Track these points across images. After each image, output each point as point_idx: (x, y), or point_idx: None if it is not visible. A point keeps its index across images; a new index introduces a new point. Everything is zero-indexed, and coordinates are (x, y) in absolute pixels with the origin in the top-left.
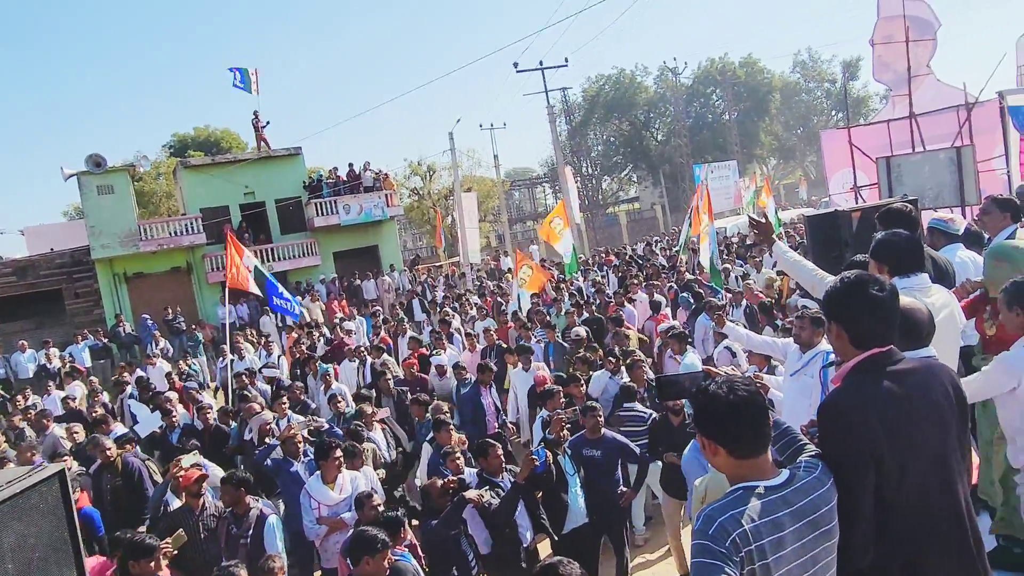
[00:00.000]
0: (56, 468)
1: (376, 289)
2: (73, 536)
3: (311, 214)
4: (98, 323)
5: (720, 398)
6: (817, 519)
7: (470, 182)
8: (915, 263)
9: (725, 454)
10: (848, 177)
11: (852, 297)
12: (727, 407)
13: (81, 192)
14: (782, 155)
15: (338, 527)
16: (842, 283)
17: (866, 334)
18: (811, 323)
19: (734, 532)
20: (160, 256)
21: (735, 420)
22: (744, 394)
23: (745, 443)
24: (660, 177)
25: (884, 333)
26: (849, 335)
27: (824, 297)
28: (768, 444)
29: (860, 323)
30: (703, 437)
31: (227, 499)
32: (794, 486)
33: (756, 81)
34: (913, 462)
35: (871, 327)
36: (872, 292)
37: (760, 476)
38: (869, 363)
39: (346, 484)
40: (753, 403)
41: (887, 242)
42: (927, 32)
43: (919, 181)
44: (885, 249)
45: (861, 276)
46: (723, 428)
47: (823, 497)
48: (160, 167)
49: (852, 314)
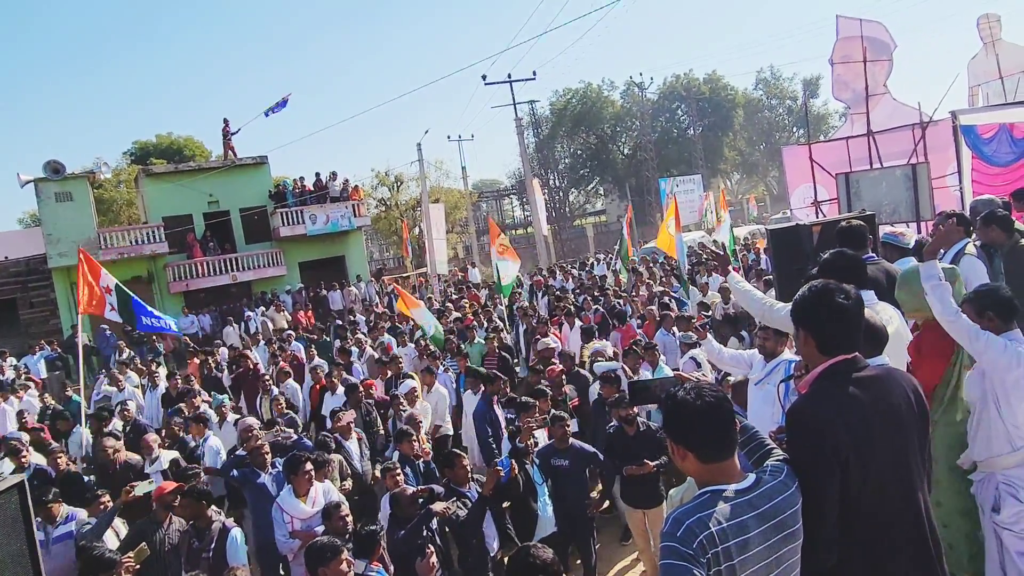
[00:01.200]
0: (16, 480)
1: (343, 300)
2: (32, 549)
3: (277, 223)
4: (54, 333)
5: (688, 403)
6: (782, 521)
7: (437, 193)
8: (858, 281)
9: (693, 458)
10: (809, 192)
11: (819, 304)
12: (695, 412)
13: (38, 199)
14: (745, 170)
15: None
16: (810, 291)
17: (832, 341)
18: (775, 333)
19: (701, 534)
20: (120, 265)
21: (702, 425)
22: (711, 400)
23: (712, 447)
24: (627, 190)
25: (849, 340)
26: (816, 341)
27: (792, 305)
28: (735, 449)
29: (826, 330)
30: (672, 442)
31: (188, 512)
32: (760, 490)
33: (720, 97)
34: (875, 465)
35: (837, 334)
36: (838, 300)
37: (727, 480)
38: (834, 369)
39: (319, 497)
40: (720, 408)
41: (831, 262)
42: (884, 53)
43: (876, 196)
44: (830, 269)
45: (828, 285)
46: (691, 433)
47: (788, 500)
48: (121, 174)
49: (819, 321)
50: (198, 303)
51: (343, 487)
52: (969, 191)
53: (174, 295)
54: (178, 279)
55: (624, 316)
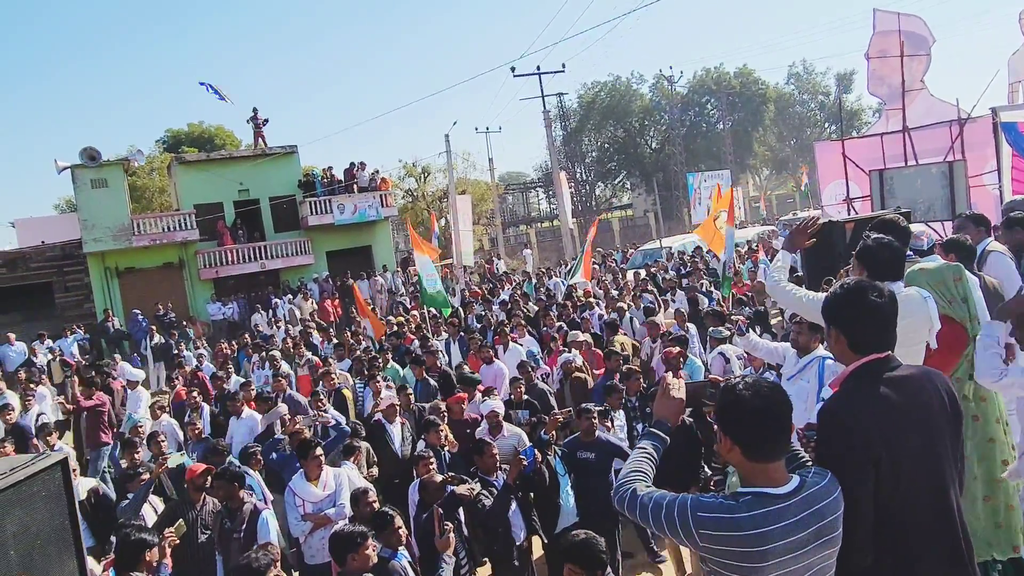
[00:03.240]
0: (59, 456)
1: (369, 289)
2: (74, 525)
3: (305, 212)
4: (88, 317)
5: (744, 400)
6: (822, 528)
7: (464, 185)
8: (894, 271)
9: (739, 453)
10: (841, 189)
11: (851, 303)
12: (749, 410)
13: (75, 185)
14: (775, 166)
15: (322, 523)
16: (842, 289)
17: (864, 339)
18: (808, 328)
19: (720, 532)
20: (152, 251)
21: (754, 424)
22: (767, 398)
23: (761, 448)
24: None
25: (882, 339)
26: (847, 340)
27: (824, 303)
28: (784, 453)
29: (858, 328)
30: (721, 431)
31: (220, 494)
32: (803, 494)
33: (751, 92)
34: (907, 466)
35: (869, 333)
36: (871, 298)
37: (769, 481)
38: (866, 369)
39: (329, 481)
40: (774, 410)
41: (873, 247)
42: (921, 48)
43: (911, 194)
44: (869, 253)
45: (861, 283)
46: (741, 429)
47: (830, 506)
48: (153, 162)
49: (850, 319)
50: (227, 290)
51: (370, 474)
52: (1009, 189)
53: (204, 282)
54: (208, 266)
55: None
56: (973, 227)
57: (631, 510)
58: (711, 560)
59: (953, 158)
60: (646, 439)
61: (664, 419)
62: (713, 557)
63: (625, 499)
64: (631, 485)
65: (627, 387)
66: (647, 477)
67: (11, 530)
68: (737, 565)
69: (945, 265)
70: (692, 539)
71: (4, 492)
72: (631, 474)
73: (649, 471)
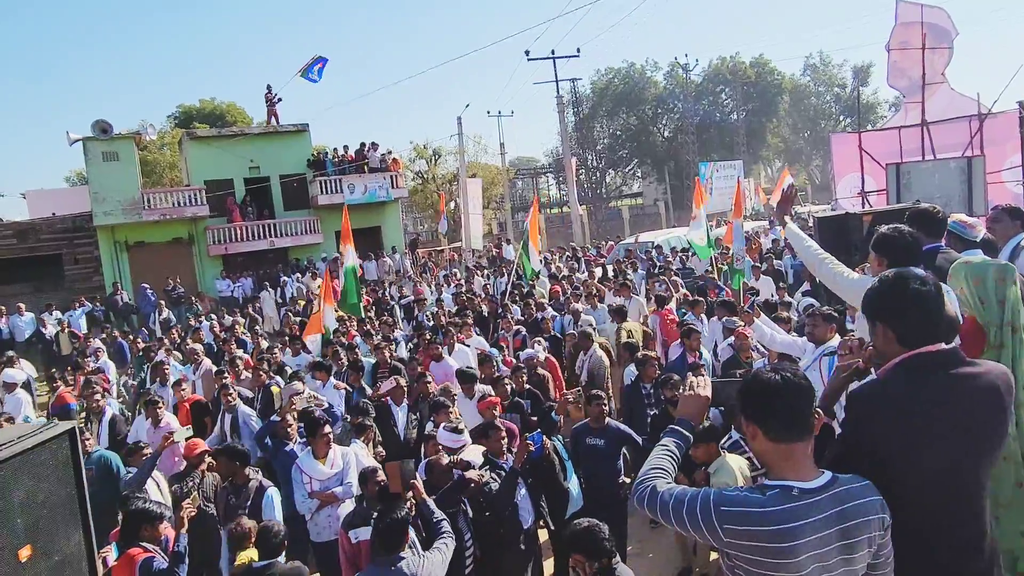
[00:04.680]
0: (67, 426)
1: (377, 270)
2: (80, 494)
3: (315, 191)
4: (97, 290)
5: (766, 379)
6: (847, 529)
7: (474, 168)
8: (913, 258)
9: (762, 435)
10: (855, 182)
11: (897, 295)
12: (770, 386)
13: (86, 157)
14: (788, 157)
15: (329, 501)
16: (882, 282)
17: (912, 332)
18: (822, 319)
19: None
20: (162, 226)
21: (774, 398)
22: (790, 377)
23: (781, 424)
24: (665, 173)
25: (930, 330)
26: (896, 334)
27: (865, 299)
28: (808, 434)
29: (906, 321)
30: (744, 419)
31: (224, 471)
32: (833, 491)
33: (766, 82)
34: (929, 468)
35: (918, 324)
36: (917, 287)
37: (796, 471)
38: (912, 361)
39: (337, 459)
40: (796, 386)
41: (890, 234)
42: (944, 40)
43: (928, 189)
44: (888, 241)
45: (902, 273)
46: (762, 407)
47: (859, 509)
48: (164, 137)
49: (898, 312)
50: (236, 267)
51: (377, 454)
52: None
53: (213, 258)
54: (217, 242)
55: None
56: (1009, 220)
57: (651, 508)
58: (736, 556)
59: (972, 153)
60: (668, 436)
61: (688, 417)
62: (738, 554)
63: (645, 497)
64: (651, 483)
65: (643, 374)
66: (668, 475)
67: (18, 498)
68: (763, 561)
69: (992, 263)
70: (716, 535)
71: (12, 460)
72: (651, 471)
73: (670, 469)
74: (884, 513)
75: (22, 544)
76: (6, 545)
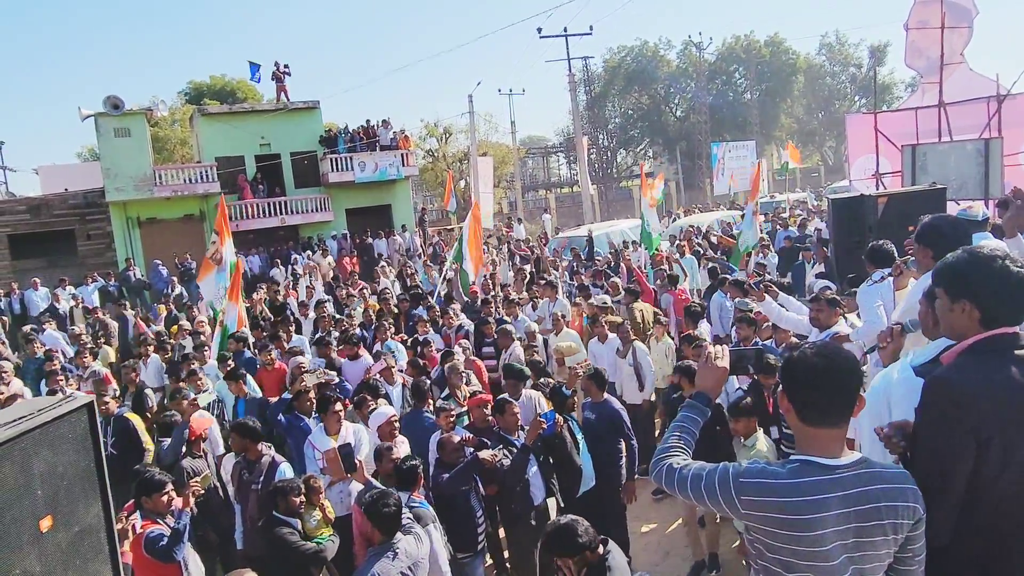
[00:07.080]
0: (86, 399)
1: (387, 248)
2: (99, 467)
3: (326, 169)
4: (110, 265)
5: (806, 358)
6: (867, 512)
7: (485, 147)
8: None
9: (794, 414)
10: (870, 163)
11: (987, 272)
12: (808, 368)
13: (98, 133)
14: (801, 138)
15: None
16: (972, 257)
17: (1000, 312)
18: (828, 304)
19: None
20: (174, 202)
21: (811, 384)
22: (829, 360)
23: (814, 410)
24: (676, 153)
25: (1014, 311)
26: (981, 313)
27: (948, 272)
28: (843, 421)
29: (995, 299)
30: (782, 391)
31: (236, 447)
32: (859, 471)
33: (780, 61)
34: (1021, 451)
35: (1007, 305)
36: (1009, 266)
37: (821, 452)
38: (990, 343)
39: (349, 436)
40: (834, 372)
41: (937, 223)
42: (964, 19)
43: (944, 171)
44: (935, 230)
45: (988, 250)
46: (798, 388)
47: (886, 494)
48: (176, 114)
49: (989, 291)
50: (247, 244)
51: None
52: None
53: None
54: (229, 219)
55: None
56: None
57: (669, 484)
58: (755, 530)
59: (989, 135)
60: (686, 410)
61: (706, 390)
62: (757, 526)
63: (663, 474)
64: (668, 460)
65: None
66: (685, 451)
67: (38, 470)
68: (780, 534)
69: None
70: (734, 507)
71: (32, 432)
72: (668, 449)
73: (688, 444)
74: (917, 503)
75: (43, 514)
76: (28, 515)
